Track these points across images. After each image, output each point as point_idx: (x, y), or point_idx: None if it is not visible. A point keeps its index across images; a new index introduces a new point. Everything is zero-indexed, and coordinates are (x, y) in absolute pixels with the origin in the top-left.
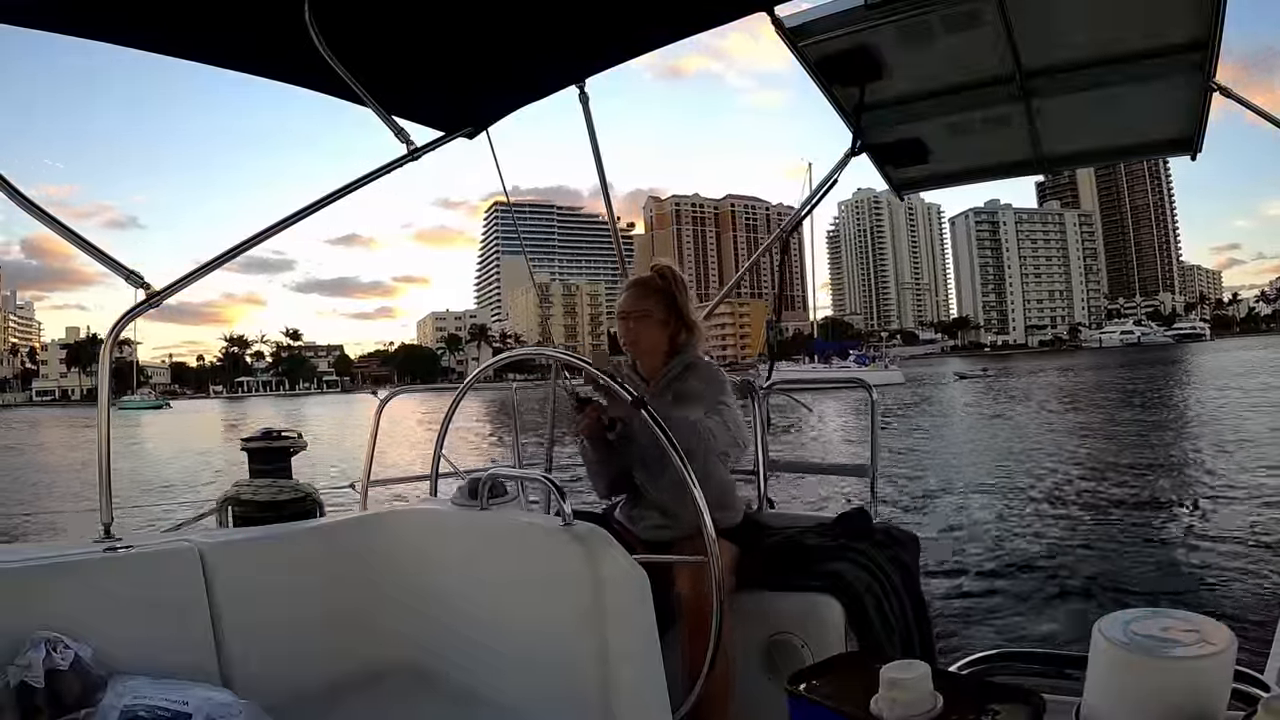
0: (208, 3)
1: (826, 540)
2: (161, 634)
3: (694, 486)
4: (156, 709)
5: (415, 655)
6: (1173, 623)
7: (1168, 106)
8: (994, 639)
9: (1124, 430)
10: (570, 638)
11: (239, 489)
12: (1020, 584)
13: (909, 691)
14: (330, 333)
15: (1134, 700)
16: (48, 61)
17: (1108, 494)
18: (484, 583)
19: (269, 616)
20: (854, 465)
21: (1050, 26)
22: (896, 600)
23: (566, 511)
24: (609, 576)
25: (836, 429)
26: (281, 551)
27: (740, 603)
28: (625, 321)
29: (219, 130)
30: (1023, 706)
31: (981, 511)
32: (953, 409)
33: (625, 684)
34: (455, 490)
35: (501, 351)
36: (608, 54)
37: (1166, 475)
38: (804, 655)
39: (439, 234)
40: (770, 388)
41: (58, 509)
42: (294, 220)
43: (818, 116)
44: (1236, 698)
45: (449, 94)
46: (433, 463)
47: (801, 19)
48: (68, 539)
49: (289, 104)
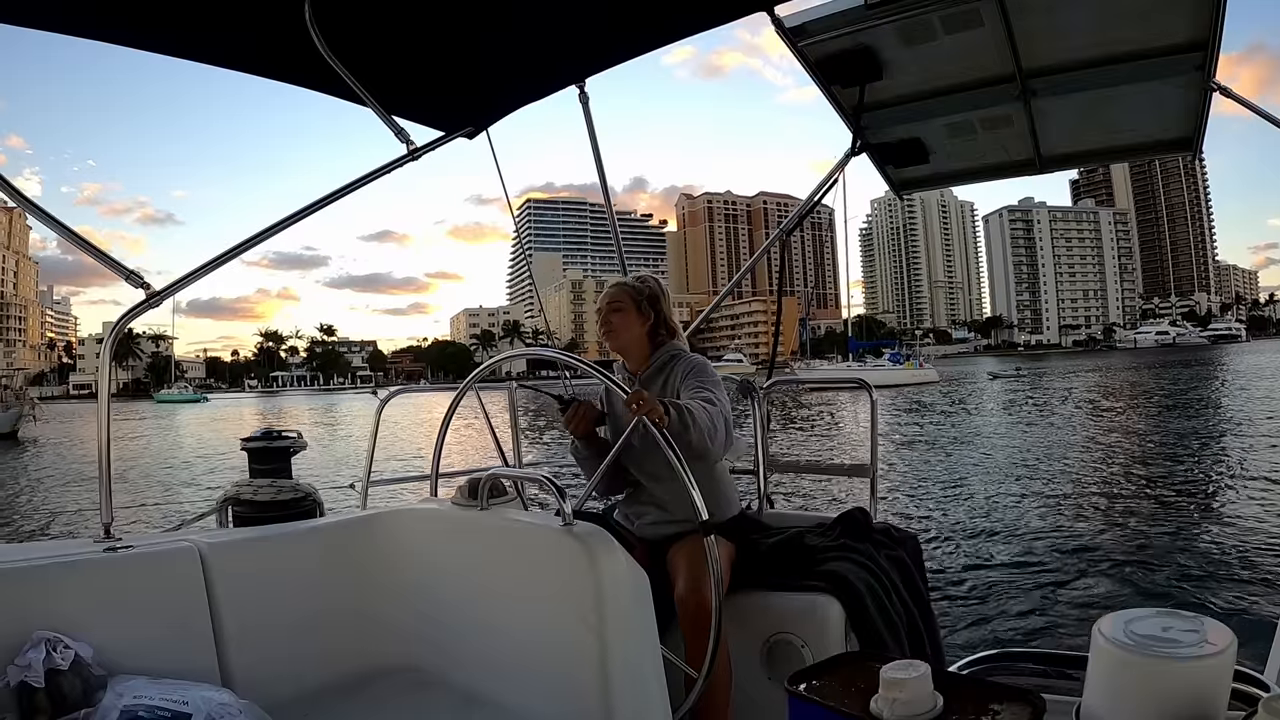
0: (208, 3)
1: (826, 540)
2: (161, 634)
3: (690, 483)
4: (156, 709)
5: (415, 655)
6: (1173, 623)
7: (1168, 106)
8: (994, 639)
9: (1148, 431)
10: (570, 638)
11: (239, 489)
12: (1020, 584)
13: (909, 691)
14: (363, 328)
15: (1134, 700)
16: (90, 62)
17: (1121, 495)
18: (484, 583)
19: (269, 616)
20: (854, 465)
21: (1050, 26)
22: (897, 600)
23: (566, 511)
24: (609, 576)
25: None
26: (281, 551)
27: (740, 603)
28: (602, 316)
29: (252, 128)
30: (1023, 706)
31: (990, 509)
32: (984, 408)
33: (625, 684)
34: (455, 490)
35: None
36: (608, 54)
37: (1182, 477)
38: (804, 655)
39: (472, 230)
40: (770, 388)
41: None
42: (294, 220)
43: None
44: (1236, 698)
45: (449, 94)
46: (433, 463)
47: (801, 19)
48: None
49: (321, 102)
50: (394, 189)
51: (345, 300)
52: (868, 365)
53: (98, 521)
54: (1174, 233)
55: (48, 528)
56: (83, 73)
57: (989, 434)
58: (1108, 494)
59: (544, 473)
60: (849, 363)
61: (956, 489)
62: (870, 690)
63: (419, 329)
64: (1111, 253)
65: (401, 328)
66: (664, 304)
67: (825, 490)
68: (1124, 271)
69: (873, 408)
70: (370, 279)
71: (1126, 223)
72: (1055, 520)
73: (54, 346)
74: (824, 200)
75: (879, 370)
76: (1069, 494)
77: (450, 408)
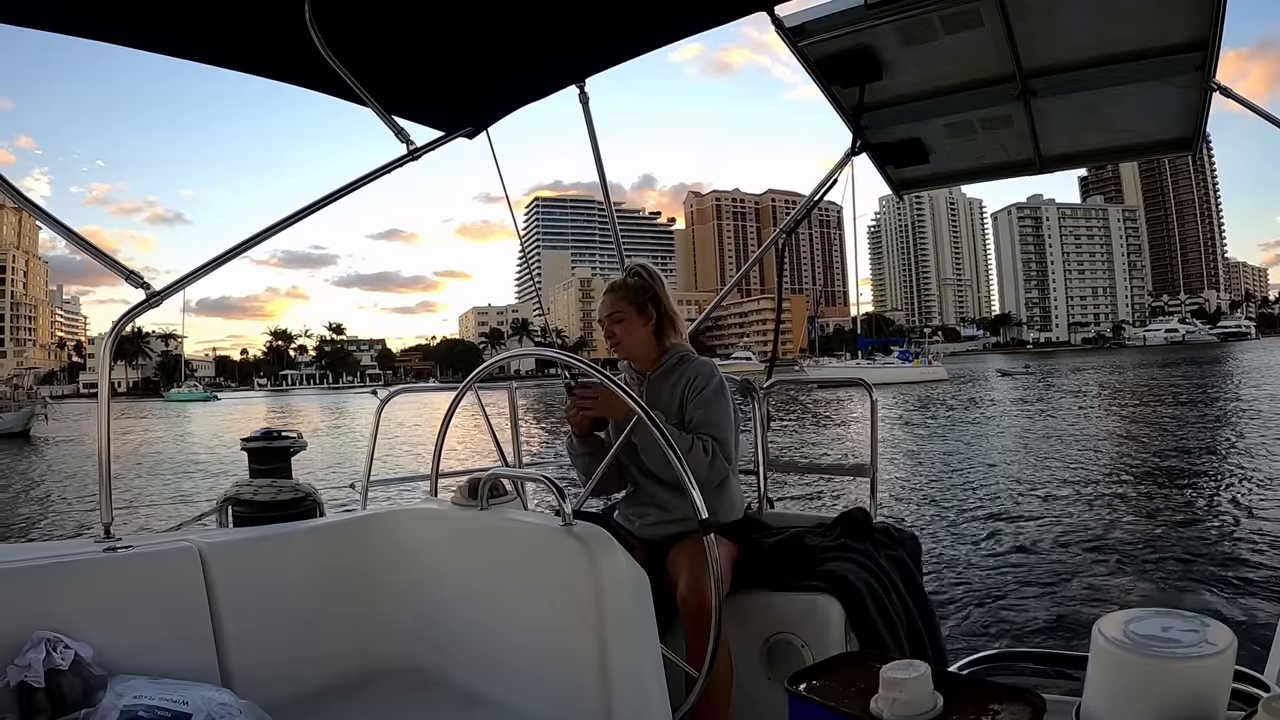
0: (208, 3)
1: (826, 540)
2: (161, 634)
3: (690, 483)
4: (156, 709)
5: (415, 655)
6: (1173, 623)
7: (1168, 106)
8: (994, 639)
9: (1152, 430)
10: (570, 638)
11: (239, 489)
12: (1020, 584)
13: (909, 691)
14: (371, 327)
15: (1134, 700)
16: (92, 60)
17: (1121, 495)
18: (484, 583)
19: (269, 616)
20: (854, 465)
21: (1050, 26)
22: (897, 600)
23: (566, 511)
24: (609, 576)
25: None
26: (281, 551)
27: (740, 603)
28: (605, 328)
29: (258, 128)
30: (1023, 706)
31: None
32: (993, 406)
33: (625, 684)
34: (455, 490)
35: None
36: (608, 54)
37: (1185, 476)
38: (804, 655)
39: (480, 229)
40: (770, 388)
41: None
42: (294, 220)
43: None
44: (1236, 698)
45: (449, 94)
46: (433, 463)
47: (801, 19)
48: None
49: (324, 102)
50: (401, 188)
51: (354, 299)
52: (877, 363)
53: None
54: (1183, 230)
55: (59, 523)
56: (86, 72)
57: (995, 433)
58: (1109, 493)
59: (544, 473)
60: (858, 360)
61: (956, 489)
62: (870, 690)
63: (427, 327)
64: (1120, 250)
65: (410, 326)
66: (663, 294)
67: (825, 490)
68: (1133, 269)
69: (873, 407)
70: (379, 277)
71: (1135, 220)
72: (1055, 520)
73: (64, 346)
74: (831, 198)
75: (888, 368)
76: (1069, 493)
77: (450, 407)
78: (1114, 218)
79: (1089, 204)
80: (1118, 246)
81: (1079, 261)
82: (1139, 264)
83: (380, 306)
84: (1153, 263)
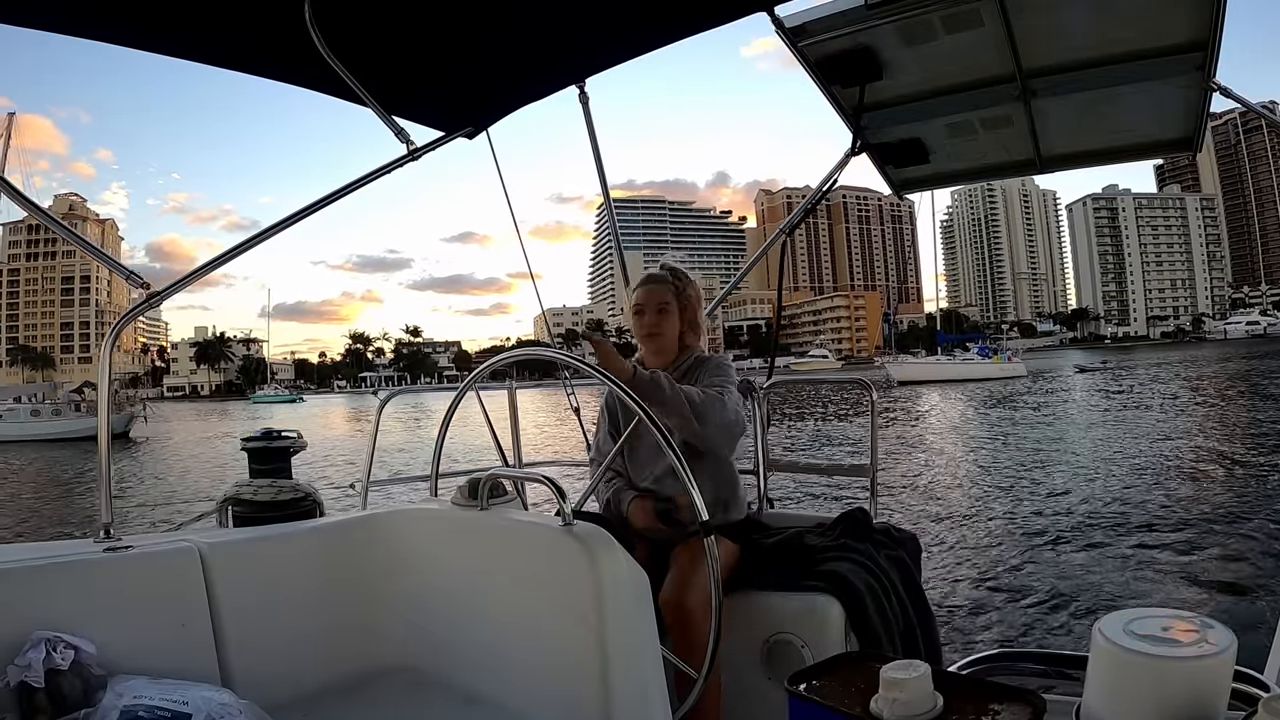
0: (208, 3)
1: (826, 540)
2: (161, 634)
3: (690, 483)
4: (156, 709)
5: (415, 655)
6: (1173, 623)
7: (1168, 106)
8: (994, 639)
9: (1218, 430)
10: (570, 638)
11: (239, 489)
12: (1020, 584)
13: (909, 691)
14: (445, 329)
15: (1134, 700)
16: (161, 74)
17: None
18: (484, 583)
19: (269, 616)
20: (854, 465)
21: (1050, 26)
22: (897, 600)
23: (566, 511)
24: (609, 576)
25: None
26: (281, 551)
27: (740, 603)
28: (642, 316)
29: (314, 137)
30: (1023, 706)
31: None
32: (1070, 403)
33: (625, 684)
34: (455, 490)
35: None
36: (608, 54)
37: (1198, 475)
38: (804, 655)
39: (554, 230)
40: (770, 387)
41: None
42: (295, 220)
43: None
44: (1236, 698)
45: (449, 94)
46: (433, 463)
47: (801, 19)
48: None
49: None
50: (476, 189)
51: (428, 302)
52: (957, 359)
53: (210, 503)
54: (1263, 218)
55: (182, 510)
56: (158, 84)
57: (1053, 434)
58: (1112, 492)
59: (544, 473)
60: (938, 357)
61: (957, 488)
62: (870, 690)
63: (501, 329)
64: (1199, 240)
65: (484, 328)
66: (696, 298)
67: (825, 490)
68: (1212, 259)
69: (873, 407)
70: (452, 280)
71: (1214, 208)
72: (1056, 519)
73: (146, 350)
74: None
75: (969, 364)
76: (1072, 493)
77: (450, 408)
78: (1191, 207)
79: (1165, 193)
80: (1196, 237)
81: (1156, 253)
82: (1218, 254)
83: (454, 309)
84: (1232, 253)
